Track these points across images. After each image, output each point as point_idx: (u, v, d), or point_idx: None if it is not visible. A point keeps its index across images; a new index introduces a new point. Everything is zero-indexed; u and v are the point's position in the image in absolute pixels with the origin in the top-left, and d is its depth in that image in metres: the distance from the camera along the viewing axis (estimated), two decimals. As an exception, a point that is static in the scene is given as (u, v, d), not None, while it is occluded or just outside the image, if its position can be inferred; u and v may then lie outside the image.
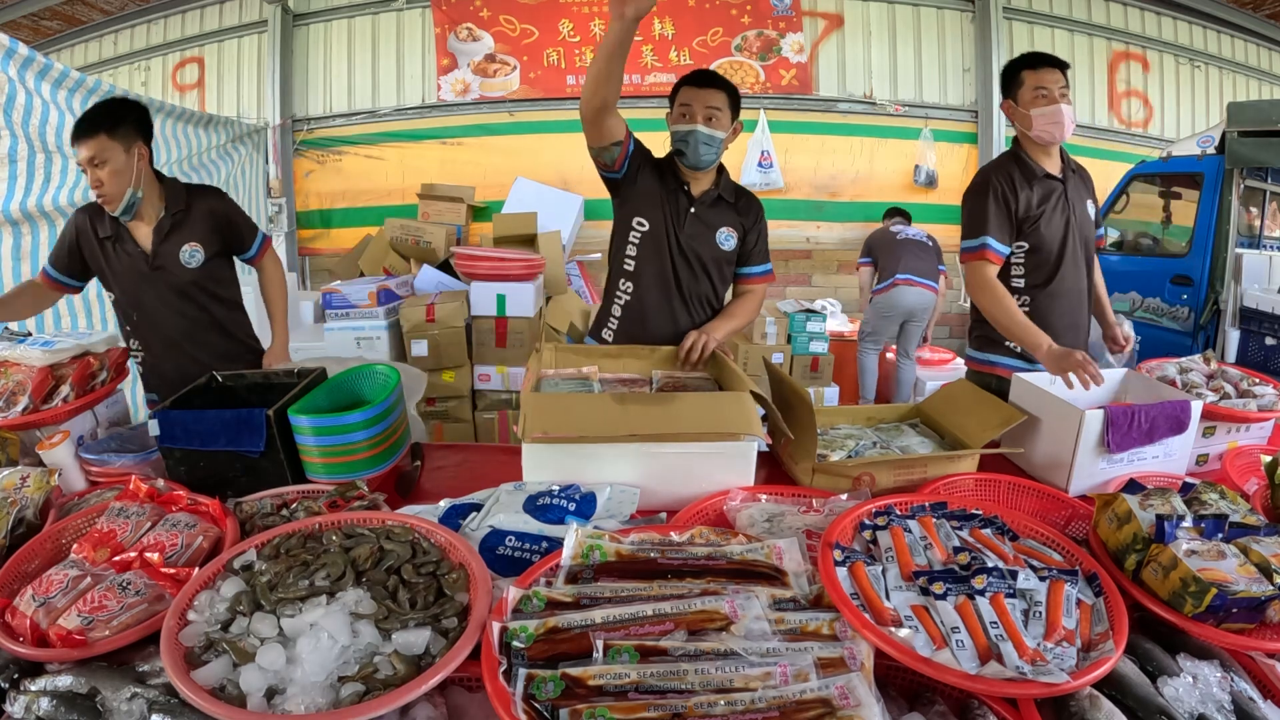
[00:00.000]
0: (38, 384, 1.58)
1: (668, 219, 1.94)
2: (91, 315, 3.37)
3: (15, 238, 2.87)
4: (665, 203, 1.94)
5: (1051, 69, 1.91)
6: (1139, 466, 1.50)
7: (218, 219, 2.09)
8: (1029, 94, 1.91)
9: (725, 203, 2.00)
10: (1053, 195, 1.96)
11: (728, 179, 2.03)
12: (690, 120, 1.86)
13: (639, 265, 1.99)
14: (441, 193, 5.23)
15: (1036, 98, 1.90)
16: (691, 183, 1.97)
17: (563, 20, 5.49)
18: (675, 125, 1.90)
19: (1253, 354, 3.88)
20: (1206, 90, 6.02)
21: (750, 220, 2.04)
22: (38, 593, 1.01)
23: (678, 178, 1.96)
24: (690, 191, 1.96)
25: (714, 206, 1.98)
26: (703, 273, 2.00)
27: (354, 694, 0.83)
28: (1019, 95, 1.94)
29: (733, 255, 2.03)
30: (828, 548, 1.02)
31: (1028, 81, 1.92)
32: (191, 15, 5.83)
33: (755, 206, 2.07)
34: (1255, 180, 4.34)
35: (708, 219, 1.97)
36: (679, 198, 1.96)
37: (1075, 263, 2.00)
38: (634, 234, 1.98)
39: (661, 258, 1.96)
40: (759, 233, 2.06)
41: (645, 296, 2.00)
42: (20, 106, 2.68)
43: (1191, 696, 0.88)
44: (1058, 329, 1.93)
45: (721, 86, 1.88)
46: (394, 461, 1.52)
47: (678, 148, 1.90)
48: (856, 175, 5.58)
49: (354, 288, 4.02)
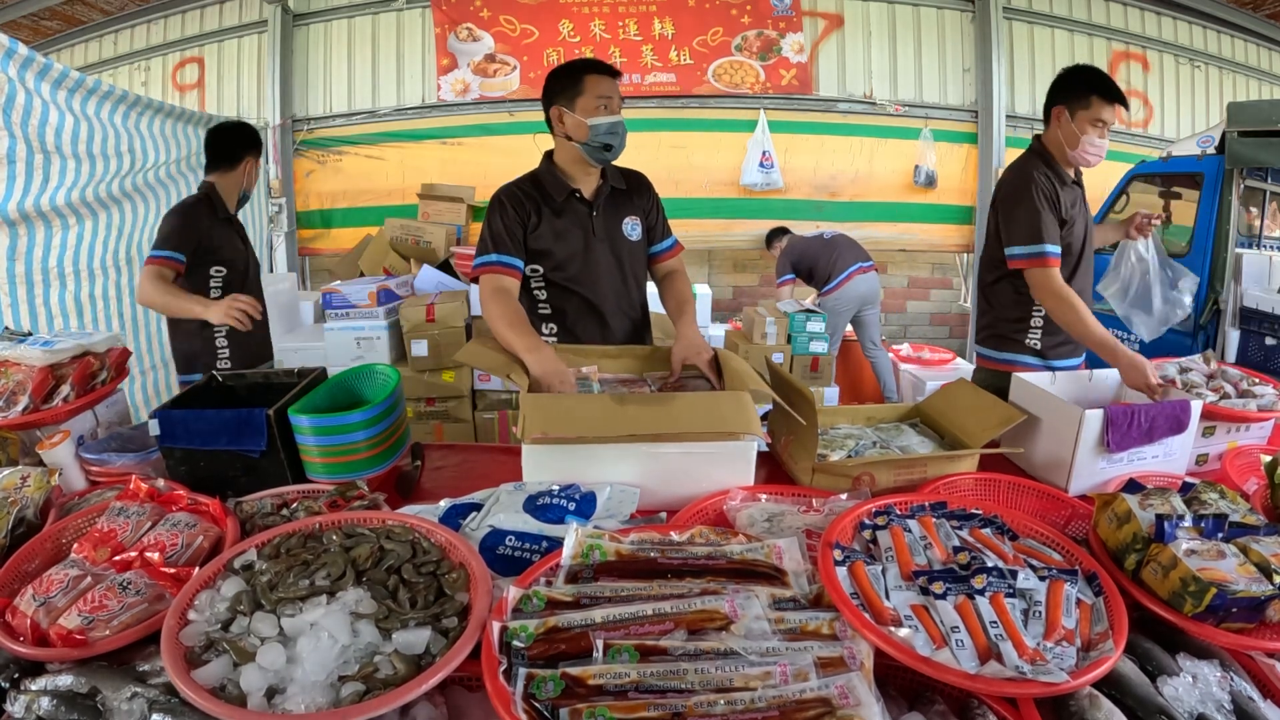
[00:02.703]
0: (38, 384, 1.58)
1: (571, 244, 1.83)
2: (83, 316, 3.37)
3: (13, 238, 2.87)
4: (564, 229, 1.83)
5: (1117, 105, 1.90)
6: (1139, 466, 1.50)
7: None
8: (1089, 119, 1.91)
9: (618, 192, 1.91)
10: (1077, 200, 2.01)
11: (610, 166, 1.89)
12: (613, 110, 1.75)
13: (555, 303, 1.89)
14: (441, 193, 5.24)
15: (1096, 126, 1.91)
16: (582, 186, 1.85)
17: (563, 20, 5.48)
18: (596, 118, 1.73)
19: (1253, 354, 3.88)
20: (1206, 90, 6.01)
21: (647, 201, 1.96)
22: (38, 592, 1.01)
23: (563, 188, 1.83)
24: (583, 196, 1.86)
25: (611, 200, 1.89)
26: (628, 275, 1.92)
27: (354, 694, 0.83)
28: (1078, 113, 1.92)
29: (640, 244, 1.94)
30: (828, 547, 1.02)
31: (1094, 107, 1.90)
32: (191, 15, 5.82)
33: (645, 183, 1.98)
34: (1255, 180, 4.34)
35: (610, 216, 1.88)
36: (574, 210, 1.84)
37: (1088, 267, 2.05)
38: (533, 281, 1.88)
39: (581, 283, 1.86)
40: (659, 208, 1.97)
41: (575, 327, 1.90)
42: (20, 107, 2.68)
43: (1191, 696, 0.89)
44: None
45: (619, 74, 1.81)
46: (394, 461, 1.52)
47: (605, 142, 1.75)
48: (856, 175, 5.58)
49: (354, 288, 4.02)
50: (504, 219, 1.81)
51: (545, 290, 1.90)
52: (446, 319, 3.80)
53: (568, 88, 1.76)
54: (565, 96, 1.76)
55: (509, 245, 1.79)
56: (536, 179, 1.87)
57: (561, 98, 1.77)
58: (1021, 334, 2.04)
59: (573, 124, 1.76)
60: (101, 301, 3.49)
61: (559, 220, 1.84)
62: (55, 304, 3.15)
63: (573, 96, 1.75)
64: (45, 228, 3.02)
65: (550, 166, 1.87)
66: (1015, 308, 2.06)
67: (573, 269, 1.86)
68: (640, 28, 5.49)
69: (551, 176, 1.85)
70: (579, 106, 1.74)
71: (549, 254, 1.85)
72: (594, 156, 1.79)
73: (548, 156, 1.89)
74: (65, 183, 3.03)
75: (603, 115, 1.74)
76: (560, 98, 1.77)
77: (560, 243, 1.83)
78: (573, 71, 1.77)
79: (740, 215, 5.54)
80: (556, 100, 1.78)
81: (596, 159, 1.80)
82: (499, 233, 1.80)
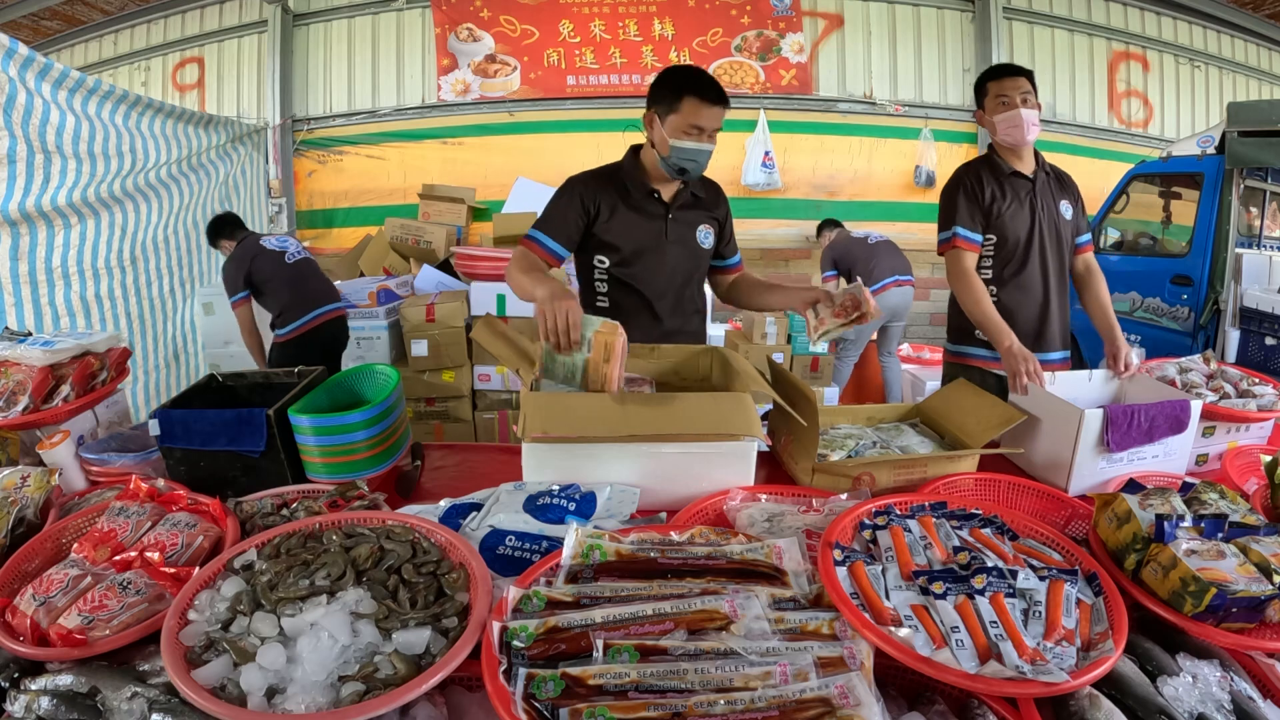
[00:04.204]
0: (38, 384, 1.58)
1: (641, 241, 1.82)
2: (90, 316, 3.38)
3: (15, 238, 2.87)
4: (638, 224, 1.82)
5: (1013, 77, 2.03)
6: (1139, 466, 1.50)
7: None
8: (993, 102, 2.05)
9: (696, 198, 1.90)
10: (1020, 191, 2.07)
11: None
12: (703, 140, 1.72)
13: (613, 297, 1.88)
14: (442, 193, 5.25)
15: (999, 105, 2.03)
16: (661, 189, 1.84)
17: (563, 21, 5.49)
18: (682, 142, 1.71)
19: (1253, 354, 3.88)
20: (1206, 90, 6.02)
21: (721, 212, 1.97)
22: (38, 592, 1.01)
23: (643, 187, 1.83)
24: (661, 197, 1.85)
25: (689, 207, 1.89)
26: (691, 281, 1.92)
27: (354, 693, 0.83)
28: (986, 104, 2.08)
29: (710, 252, 1.95)
30: (828, 547, 1.02)
31: (991, 91, 2.05)
32: (191, 15, 5.83)
33: (721, 194, 1.98)
34: (1255, 180, 4.34)
35: (686, 221, 1.88)
36: (651, 209, 1.84)
37: (1043, 259, 2.08)
38: (596, 273, 1.87)
39: (642, 282, 1.85)
40: (730, 222, 2.00)
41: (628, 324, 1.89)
42: (20, 107, 2.68)
43: (1191, 696, 0.88)
44: (1023, 320, 2.06)
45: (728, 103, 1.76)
46: (394, 461, 1.52)
47: (680, 165, 1.74)
48: (855, 175, 5.59)
49: (354, 287, 4.02)
50: (566, 206, 1.81)
51: (606, 283, 1.89)
52: (446, 319, 3.80)
53: (667, 99, 1.72)
54: (662, 107, 1.73)
55: (558, 231, 1.80)
56: (617, 171, 1.87)
57: (659, 106, 1.74)
58: (971, 325, 2.11)
59: (659, 137, 1.74)
60: (109, 301, 3.50)
61: (633, 216, 1.84)
62: (61, 303, 3.15)
63: (668, 111, 1.71)
64: (47, 227, 3.02)
65: (634, 162, 1.86)
66: None
67: (637, 266, 1.86)
68: (640, 28, 5.49)
69: (633, 172, 1.84)
70: (670, 124, 1.71)
71: (616, 248, 1.84)
72: (668, 172, 1.79)
73: (634, 150, 1.88)
74: (67, 182, 3.03)
75: (689, 140, 1.71)
76: (658, 105, 1.74)
77: (630, 239, 1.82)
78: (677, 87, 1.70)
79: (740, 215, 5.50)
80: (654, 106, 1.76)
81: (670, 175, 1.79)
82: (552, 216, 1.82)
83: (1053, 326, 2.12)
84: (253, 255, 3.46)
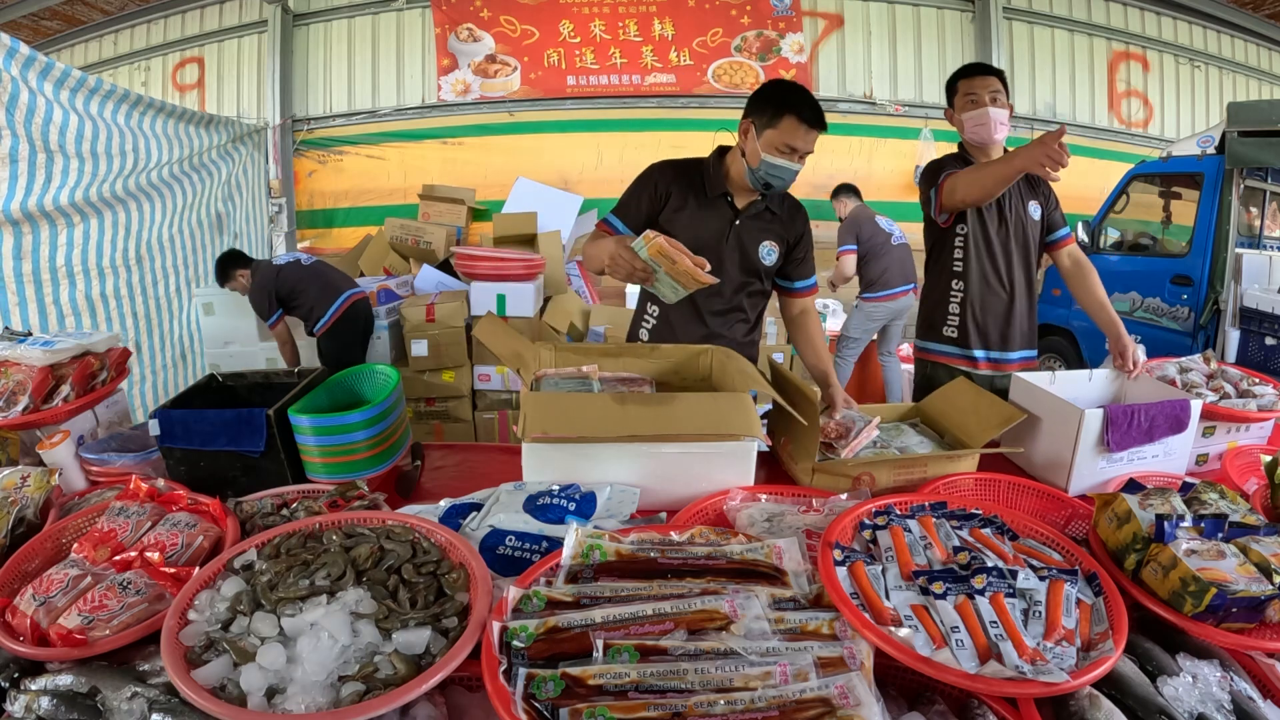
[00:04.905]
0: (38, 384, 1.58)
1: (702, 239, 1.80)
2: (95, 315, 3.38)
3: (18, 237, 2.87)
4: (704, 222, 1.83)
5: (983, 76, 2.03)
6: (1139, 466, 1.50)
7: None
8: (962, 100, 2.05)
9: (770, 213, 1.88)
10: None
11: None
12: (794, 159, 1.72)
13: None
14: (442, 194, 5.24)
15: (968, 103, 2.03)
16: (736, 194, 1.84)
17: (563, 21, 5.49)
18: (774, 158, 1.71)
19: (1253, 354, 3.88)
20: (1206, 90, 6.02)
21: (795, 232, 1.92)
22: (38, 592, 1.01)
23: (719, 186, 1.84)
24: (734, 203, 1.85)
25: (758, 219, 1.87)
26: (743, 292, 1.91)
27: (354, 693, 0.83)
28: (955, 102, 2.08)
29: (772, 269, 1.92)
30: (827, 547, 1.02)
31: (961, 89, 2.05)
32: (191, 15, 5.83)
33: (802, 216, 1.94)
34: (1255, 180, 4.34)
35: (751, 232, 1.86)
36: (721, 211, 1.84)
37: (1008, 259, 2.08)
38: None
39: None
40: (807, 245, 1.95)
41: (672, 315, 1.91)
42: (23, 106, 2.68)
43: (1191, 696, 0.88)
44: (989, 314, 2.08)
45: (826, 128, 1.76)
46: (394, 461, 1.52)
47: (767, 180, 1.74)
48: (855, 175, 5.58)
49: (354, 287, 4.01)
50: (640, 190, 1.86)
51: None
52: (446, 319, 3.80)
53: (767, 113, 1.71)
54: (761, 119, 1.72)
55: (628, 215, 1.85)
56: (699, 166, 1.88)
57: (757, 117, 1.73)
58: (940, 323, 2.12)
59: (751, 148, 1.74)
60: (114, 300, 3.50)
61: (701, 213, 1.84)
62: (65, 302, 3.15)
63: (766, 124, 1.71)
64: (50, 227, 3.02)
65: (718, 162, 1.85)
66: (934, 291, 2.18)
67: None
68: (640, 28, 5.49)
69: (714, 171, 1.85)
70: (765, 138, 1.71)
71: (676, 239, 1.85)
72: (753, 184, 1.79)
73: (720, 150, 1.89)
74: (69, 182, 3.03)
75: (780, 158, 1.71)
76: (756, 116, 1.74)
77: (691, 233, 1.80)
78: (780, 104, 1.70)
79: (740, 215, 5.55)
80: (752, 116, 1.76)
81: (754, 186, 1.79)
82: (627, 201, 1.87)
83: (1017, 326, 2.11)
84: (275, 273, 3.66)
